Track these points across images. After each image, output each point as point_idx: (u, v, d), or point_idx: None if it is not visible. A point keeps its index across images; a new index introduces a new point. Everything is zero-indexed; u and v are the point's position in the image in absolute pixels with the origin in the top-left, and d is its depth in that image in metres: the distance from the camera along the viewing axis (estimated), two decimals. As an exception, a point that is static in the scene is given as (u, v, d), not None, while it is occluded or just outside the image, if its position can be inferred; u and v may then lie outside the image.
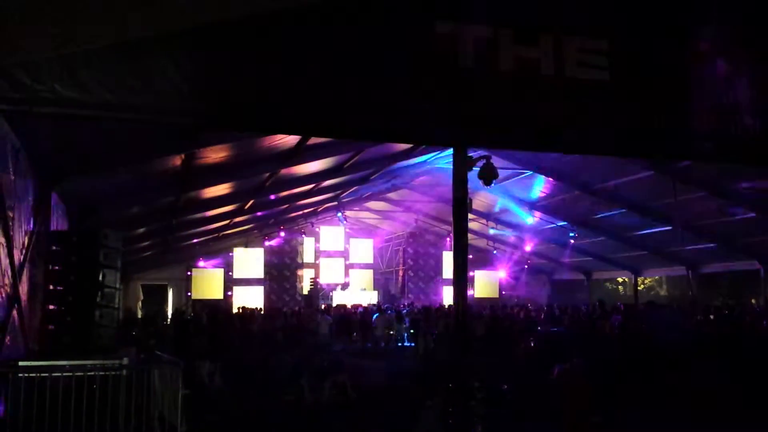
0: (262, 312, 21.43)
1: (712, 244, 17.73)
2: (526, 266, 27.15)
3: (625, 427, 8.22)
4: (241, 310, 20.75)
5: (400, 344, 18.22)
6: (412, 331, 17.25)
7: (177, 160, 10.14)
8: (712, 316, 12.58)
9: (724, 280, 19.95)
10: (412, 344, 17.03)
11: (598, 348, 9.00)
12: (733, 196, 14.22)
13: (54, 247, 8.21)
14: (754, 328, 11.69)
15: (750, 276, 18.71)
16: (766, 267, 17.48)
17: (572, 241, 20.71)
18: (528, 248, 24.13)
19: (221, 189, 13.84)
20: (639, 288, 24.40)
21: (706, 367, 8.44)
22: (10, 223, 6.89)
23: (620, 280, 25.64)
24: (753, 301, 18.49)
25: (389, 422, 8.53)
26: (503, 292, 28.73)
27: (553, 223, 20.51)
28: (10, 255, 6.96)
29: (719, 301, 17.95)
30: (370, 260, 29.25)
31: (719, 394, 8.32)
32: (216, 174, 11.99)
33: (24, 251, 7.63)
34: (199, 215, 16.42)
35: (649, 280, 24.60)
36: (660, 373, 8.68)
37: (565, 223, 20.09)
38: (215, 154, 10.63)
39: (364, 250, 29.12)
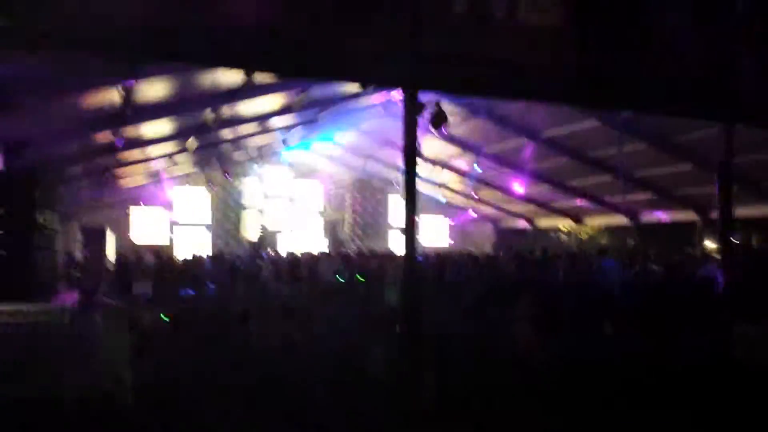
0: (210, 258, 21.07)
1: (651, 195, 18.26)
2: (472, 214, 27.45)
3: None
4: (190, 258, 20.27)
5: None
6: (359, 277, 17.26)
7: (114, 95, 9.70)
8: (654, 266, 13.00)
9: (663, 231, 20.67)
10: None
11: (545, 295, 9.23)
12: (675, 147, 14.61)
13: (-14, 186, 7.83)
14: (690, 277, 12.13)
15: (687, 227, 19.41)
16: (702, 218, 18.14)
17: (516, 188, 20.94)
18: (475, 196, 24.37)
19: (162, 126, 13.39)
20: (581, 237, 25.10)
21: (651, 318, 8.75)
22: (-63, 161, 6.52)
23: (564, 228, 26.25)
24: (690, 251, 19.23)
25: (336, 365, 8.61)
26: (451, 241, 29.09)
27: (498, 170, 20.69)
28: (-62, 195, 6.60)
29: (655, 250, 18.60)
30: (318, 206, 29.03)
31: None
32: (156, 110, 11.57)
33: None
34: (138, 154, 15.91)
35: (591, 229, 25.27)
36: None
37: (510, 170, 20.30)
38: (155, 89, 10.23)
39: (311, 194, 28.82)
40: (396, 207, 27.51)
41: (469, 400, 6.98)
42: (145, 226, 25.37)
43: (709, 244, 19.15)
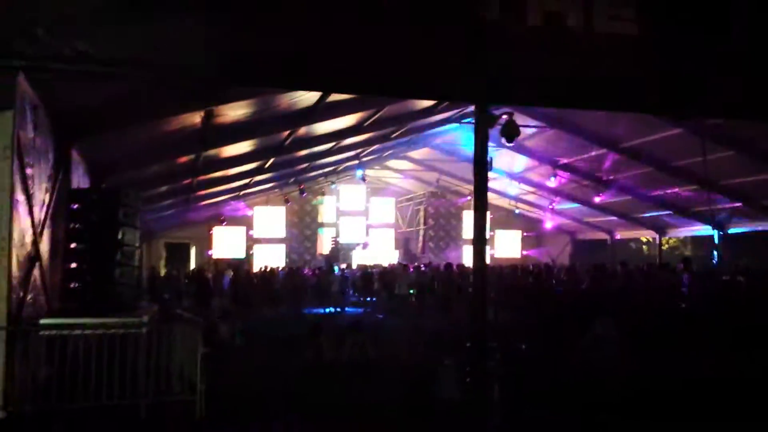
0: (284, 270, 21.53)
1: (738, 204, 17.38)
2: (548, 226, 26.88)
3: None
4: (264, 270, 20.84)
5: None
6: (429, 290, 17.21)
7: (196, 118, 10.04)
8: (740, 278, 12.31)
9: (749, 241, 19.59)
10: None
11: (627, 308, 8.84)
12: (764, 154, 13.86)
13: (74, 206, 8.21)
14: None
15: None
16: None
17: (596, 200, 20.42)
18: (550, 207, 23.86)
19: (241, 147, 13.76)
20: (663, 248, 24.06)
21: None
22: (30, 181, 6.88)
23: (644, 239, 25.28)
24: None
25: (407, 380, 8.54)
26: (524, 252, 28.60)
27: (577, 182, 20.19)
28: (31, 213, 6.96)
29: (744, 261, 17.65)
30: (391, 220, 29.14)
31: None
32: (235, 132, 11.90)
33: (45, 209, 7.63)
34: (219, 174, 16.40)
35: (673, 240, 24.22)
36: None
37: (589, 182, 19.79)
38: (234, 112, 10.52)
39: (384, 209, 28.99)
40: (469, 220, 27.28)
41: (539, 420, 6.73)
42: (225, 242, 26.16)
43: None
